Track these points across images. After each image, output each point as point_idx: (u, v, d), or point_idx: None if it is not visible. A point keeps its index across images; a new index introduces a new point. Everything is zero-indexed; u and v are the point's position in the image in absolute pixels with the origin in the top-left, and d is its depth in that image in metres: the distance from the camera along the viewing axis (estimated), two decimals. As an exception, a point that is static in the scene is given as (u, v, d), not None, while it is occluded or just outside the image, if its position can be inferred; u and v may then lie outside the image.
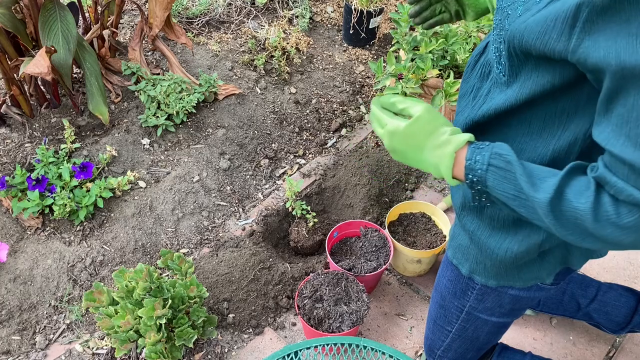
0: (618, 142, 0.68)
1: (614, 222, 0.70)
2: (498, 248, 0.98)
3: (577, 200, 0.72)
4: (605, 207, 0.70)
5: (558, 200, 0.73)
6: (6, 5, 2.01)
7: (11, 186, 2.01)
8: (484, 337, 1.23)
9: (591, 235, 0.73)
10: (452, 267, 1.14)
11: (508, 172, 0.78)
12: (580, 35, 0.66)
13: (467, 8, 1.16)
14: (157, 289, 1.60)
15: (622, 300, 1.61)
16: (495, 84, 0.88)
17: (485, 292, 1.09)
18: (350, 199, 2.24)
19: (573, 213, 0.73)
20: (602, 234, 0.71)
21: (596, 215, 0.71)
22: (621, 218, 0.69)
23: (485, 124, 0.90)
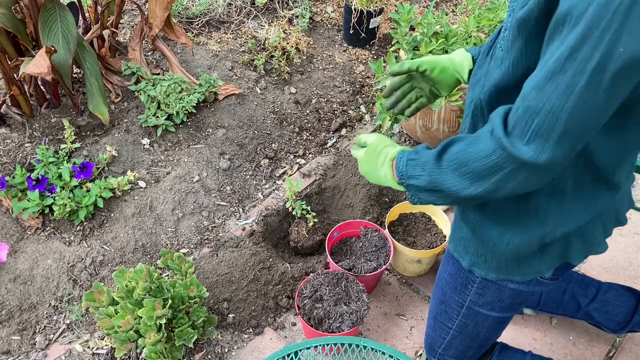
0: (529, 83, 0.77)
1: (484, 156, 0.82)
2: (500, 240, 1.00)
3: (460, 150, 0.87)
4: (481, 146, 0.83)
5: (442, 153, 0.90)
6: (6, 5, 2.01)
7: (11, 186, 2.01)
8: (484, 333, 1.23)
9: (470, 178, 0.85)
10: (453, 260, 1.15)
11: (417, 159, 0.95)
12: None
13: (439, 85, 1.21)
14: (157, 289, 1.60)
15: (622, 300, 1.62)
16: (494, 60, 0.92)
17: (485, 286, 1.10)
18: (350, 199, 2.24)
19: (454, 160, 0.87)
20: (477, 172, 0.84)
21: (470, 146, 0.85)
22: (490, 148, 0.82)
23: (487, 103, 0.94)
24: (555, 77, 0.72)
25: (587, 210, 0.96)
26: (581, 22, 0.68)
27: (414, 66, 1.16)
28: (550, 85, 0.73)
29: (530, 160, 0.77)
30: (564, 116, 0.73)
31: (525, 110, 0.76)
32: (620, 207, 1.07)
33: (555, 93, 0.73)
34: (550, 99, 0.73)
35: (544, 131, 0.75)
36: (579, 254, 1.03)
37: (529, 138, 0.76)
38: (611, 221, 1.06)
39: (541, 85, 0.74)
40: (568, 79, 0.71)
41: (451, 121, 2.23)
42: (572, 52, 0.70)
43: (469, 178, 0.85)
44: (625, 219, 1.09)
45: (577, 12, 0.68)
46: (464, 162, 0.86)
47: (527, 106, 0.76)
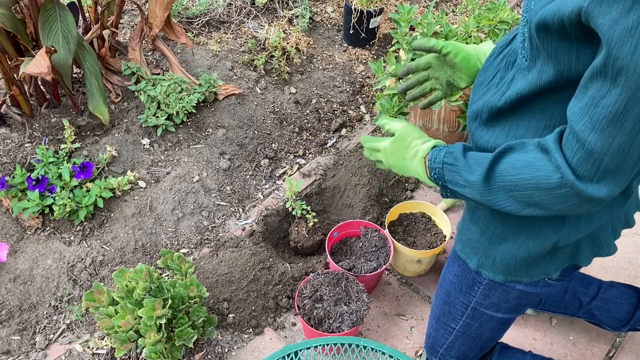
0: (582, 121, 0.74)
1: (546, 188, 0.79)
2: (513, 243, 0.99)
3: (512, 173, 0.83)
4: (541, 176, 0.80)
5: (490, 177, 0.85)
6: (6, 5, 2.01)
7: (11, 186, 2.01)
8: (487, 334, 1.23)
9: (525, 203, 0.83)
10: (459, 262, 1.14)
11: (455, 165, 0.92)
12: (586, 14, 0.69)
13: (460, 73, 1.14)
14: (157, 289, 1.60)
15: (623, 297, 1.62)
16: (519, 70, 0.89)
17: (492, 287, 1.10)
18: (350, 199, 2.24)
19: (506, 185, 0.83)
20: (535, 200, 0.81)
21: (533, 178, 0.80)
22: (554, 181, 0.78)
23: (506, 111, 0.91)
24: (618, 117, 0.70)
25: (603, 216, 0.96)
26: (635, 62, 0.66)
27: (439, 46, 1.10)
28: (614, 126, 0.71)
29: (603, 197, 0.76)
30: (635, 149, 0.72)
31: (588, 154, 0.74)
32: (629, 209, 1.06)
33: (622, 131, 0.71)
34: (617, 137, 0.71)
35: (614, 168, 0.74)
36: (588, 256, 1.03)
37: (600, 177, 0.75)
38: (620, 223, 1.06)
39: (603, 127, 0.72)
40: (635, 116, 0.69)
41: (451, 121, 2.23)
42: (635, 91, 0.68)
43: (526, 202, 0.83)
44: (634, 221, 1.09)
45: (626, 53, 0.66)
46: (520, 187, 0.82)
47: (591, 149, 0.73)
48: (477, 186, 0.87)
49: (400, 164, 1.04)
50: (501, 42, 1.00)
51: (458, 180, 0.91)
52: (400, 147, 1.03)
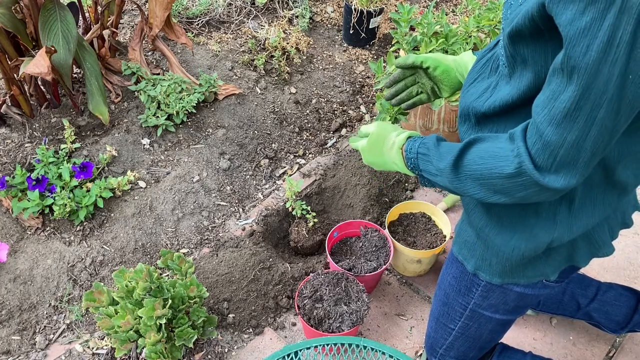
0: (542, 112, 0.76)
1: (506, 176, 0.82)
2: (505, 245, 0.99)
3: (478, 162, 0.86)
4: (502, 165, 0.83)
5: (458, 165, 0.89)
6: (6, 5, 2.01)
7: (11, 186, 2.01)
8: (486, 335, 1.23)
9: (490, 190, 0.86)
10: (457, 264, 1.14)
11: (427, 155, 0.96)
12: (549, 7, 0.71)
13: (441, 84, 1.21)
14: (157, 289, 1.60)
15: (622, 300, 1.62)
16: (502, 77, 0.91)
17: (490, 289, 1.10)
18: (350, 199, 2.24)
19: (473, 172, 0.87)
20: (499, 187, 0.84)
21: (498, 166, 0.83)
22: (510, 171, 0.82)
23: (492, 116, 0.93)
24: (572, 113, 0.73)
25: (595, 214, 0.96)
26: (586, 62, 0.69)
27: (418, 61, 1.17)
28: (568, 121, 0.74)
29: (560, 187, 0.79)
30: (588, 144, 0.75)
31: (545, 145, 0.77)
32: (626, 209, 1.06)
33: (575, 127, 0.74)
34: (572, 132, 0.74)
35: (570, 160, 0.77)
36: (585, 257, 1.03)
37: (557, 168, 0.78)
38: (617, 224, 1.05)
39: (558, 121, 0.74)
40: (586, 113, 0.72)
41: (451, 121, 2.23)
42: (586, 90, 0.70)
43: (492, 190, 0.86)
44: (631, 221, 1.09)
45: (579, 53, 0.69)
46: (484, 176, 0.86)
47: (547, 141, 0.76)
48: (446, 174, 0.91)
49: (379, 159, 1.08)
50: (487, 46, 1.01)
51: (431, 169, 0.95)
52: (376, 143, 1.07)
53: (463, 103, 0.99)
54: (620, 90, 0.70)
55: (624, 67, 0.68)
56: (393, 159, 1.04)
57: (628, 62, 0.67)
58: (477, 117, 0.95)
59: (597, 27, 0.66)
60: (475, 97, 0.95)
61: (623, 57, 0.67)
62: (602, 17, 0.66)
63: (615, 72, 0.68)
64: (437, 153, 0.93)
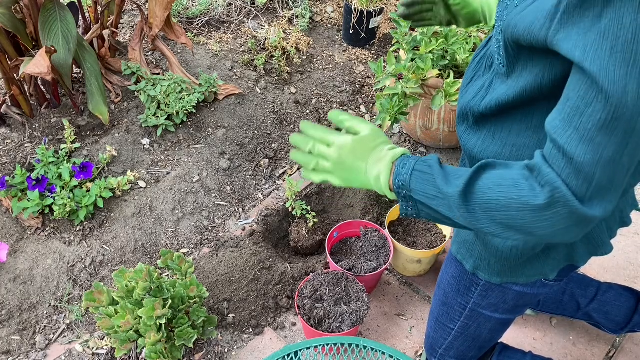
0: (566, 133, 0.68)
1: (533, 209, 0.71)
2: (503, 245, 0.99)
3: (494, 190, 0.74)
4: (527, 195, 0.71)
5: (469, 192, 0.76)
6: (6, 5, 2.01)
7: (11, 186, 2.01)
8: (486, 334, 1.23)
9: (504, 225, 0.75)
10: (456, 263, 1.14)
11: (428, 174, 0.81)
12: (557, 26, 0.68)
13: (460, 18, 1.19)
14: (157, 289, 1.60)
15: (621, 300, 1.62)
16: (497, 75, 0.89)
17: (489, 289, 1.10)
18: (350, 199, 2.24)
19: (487, 203, 0.75)
20: (518, 223, 0.73)
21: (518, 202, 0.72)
22: (540, 202, 0.70)
23: (490, 116, 0.91)
24: (608, 125, 0.65)
25: None
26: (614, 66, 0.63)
27: None
28: (602, 136, 0.66)
29: (599, 216, 0.70)
30: (625, 160, 0.67)
31: (578, 168, 0.68)
32: (624, 208, 1.06)
33: (611, 142, 0.66)
34: (607, 149, 0.66)
35: (607, 182, 0.68)
36: (583, 256, 1.03)
37: (593, 193, 0.69)
38: (616, 222, 1.05)
39: (591, 137, 0.66)
40: (625, 122, 0.65)
41: (451, 121, 2.23)
42: (622, 97, 0.64)
43: (506, 225, 0.75)
44: (630, 220, 1.09)
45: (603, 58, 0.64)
46: (500, 207, 0.74)
47: (580, 163, 0.67)
48: (453, 200, 0.78)
49: (357, 166, 0.89)
50: (482, 44, 1.00)
51: (429, 190, 0.81)
52: (364, 147, 0.89)
53: (461, 103, 0.98)
54: None
55: None
56: (378, 172, 0.87)
57: None
58: (475, 117, 0.94)
59: (617, 26, 0.62)
60: (472, 97, 0.94)
61: None
62: (620, 17, 0.62)
63: None
64: (442, 173, 0.80)
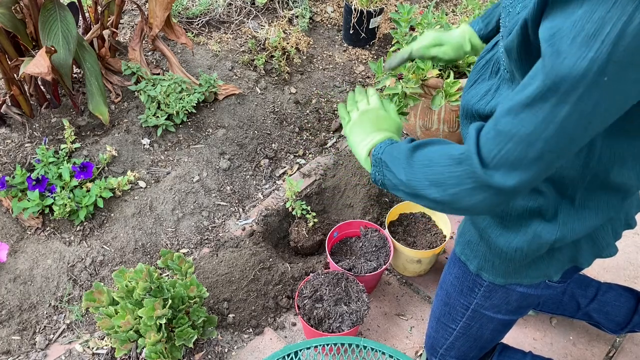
0: (505, 104, 0.74)
1: (448, 161, 0.81)
2: (507, 246, 0.99)
3: (432, 150, 0.86)
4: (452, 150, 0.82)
5: (416, 149, 0.89)
6: (6, 5, 2.01)
7: (11, 186, 2.01)
8: (488, 335, 1.23)
9: (430, 181, 0.83)
10: (460, 264, 1.14)
11: (397, 143, 0.97)
12: (548, 10, 0.68)
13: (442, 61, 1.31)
14: (157, 289, 1.60)
15: (621, 300, 1.62)
16: (504, 81, 0.89)
17: (492, 290, 1.10)
18: (350, 199, 2.24)
19: (424, 158, 0.86)
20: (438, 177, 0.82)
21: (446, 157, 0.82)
22: (457, 153, 0.81)
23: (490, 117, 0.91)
24: (534, 104, 0.69)
25: (599, 216, 0.95)
26: (565, 53, 0.65)
27: (405, 56, 1.28)
28: (527, 113, 0.70)
29: (495, 185, 0.75)
30: (539, 145, 0.70)
31: (497, 134, 0.73)
32: (629, 210, 1.06)
33: (532, 120, 0.69)
34: (526, 126, 0.70)
35: (514, 158, 0.72)
36: (588, 258, 1.02)
37: (498, 162, 0.74)
38: (621, 225, 1.05)
39: (517, 111, 0.71)
40: (548, 107, 0.67)
41: (451, 121, 2.23)
42: (557, 81, 0.66)
43: (429, 179, 0.84)
44: (635, 222, 1.08)
45: (564, 44, 0.65)
46: (432, 161, 0.84)
47: (499, 130, 0.73)
48: (402, 154, 0.90)
49: (365, 126, 1.08)
50: (486, 47, 1.00)
51: (394, 153, 0.94)
52: (386, 121, 1.09)
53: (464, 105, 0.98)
54: (592, 89, 0.65)
55: (603, 65, 0.63)
56: (371, 138, 1.04)
57: (608, 61, 0.63)
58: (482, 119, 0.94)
59: (587, 19, 0.63)
60: (477, 100, 0.94)
61: (604, 55, 0.62)
62: (593, 10, 0.62)
63: (593, 69, 0.63)
64: (407, 141, 0.93)
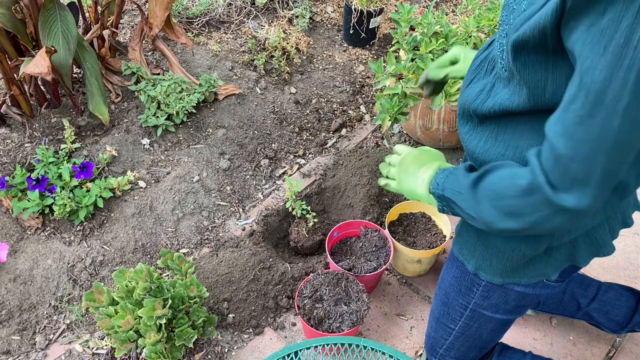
0: (555, 126, 0.73)
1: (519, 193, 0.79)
2: (505, 245, 0.99)
3: (496, 182, 0.84)
4: (518, 181, 0.80)
5: (479, 182, 0.86)
6: (6, 5, 2.01)
7: (11, 186, 2.01)
8: (487, 334, 1.23)
9: (502, 212, 0.82)
10: (458, 263, 1.14)
11: (456, 175, 0.94)
12: (567, 16, 0.68)
13: None
14: (157, 289, 1.60)
15: (622, 300, 1.62)
16: (499, 79, 0.89)
17: (490, 289, 1.10)
18: (350, 199, 2.24)
19: (489, 192, 0.84)
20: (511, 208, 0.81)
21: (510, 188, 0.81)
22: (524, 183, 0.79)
23: (492, 118, 0.92)
24: (584, 121, 0.69)
25: (596, 215, 0.95)
26: (602, 65, 0.65)
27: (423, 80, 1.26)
28: (581, 131, 0.69)
29: (572, 207, 0.74)
30: (602, 159, 0.70)
31: (557, 158, 0.73)
32: (627, 209, 1.06)
33: (588, 138, 0.69)
34: (584, 145, 0.70)
35: (582, 177, 0.72)
36: (586, 257, 1.03)
37: (568, 185, 0.73)
38: (618, 223, 1.05)
39: (571, 132, 0.70)
40: (599, 122, 0.67)
41: (451, 121, 2.23)
42: (600, 95, 0.66)
43: (504, 211, 0.82)
44: (632, 221, 1.08)
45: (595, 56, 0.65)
46: (499, 195, 0.82)
47: (559, 154, 0.72)
48: (466, 189, 0.88)
49: (412, 170, 1.05)
50: (482, 47, 1.00)
51: (455, 187, 0.92)
52: (425, 157, 1.06)
53: (462, 104, 0.98)
54: (636, 97, 0.65)
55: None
56: (425, 175, 1.01)
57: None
58: (479, 118, 0.94)
59: (614, 28, 0.63)
60: (473, 99, 0.94)
61: (638, 60, 0.63)
62: (619, 18, 0.62)
63: (630, 77, 0.64)
64: (464, 172, 0.91)
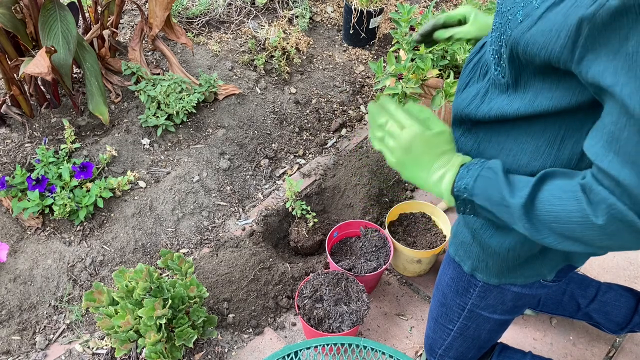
0: (607, 158, 0.69)
1: (591, 225, 0.72)
2: (500, 246, 0.99)
3: (554, 203, 0.75)
4: (587, 211, 0.72)
5: (531, 204, 0.78)
6: (6, 5, 2.01)
7: (11, 186, 2.01)
8: (485, 335, 1.23)
9: (564, 236, 0.76)
10: (454, 264, 1.14)
11: (493, 180, 0.82)
12: (582, 51, 0.67)
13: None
14: (157, 289, 1.60)
15: (621, 300, 1.62)
16: (494, 84, 0.88)
17: (487, 290, 1.10)
18: (350, 199, 2.24)
19: (547, 215, 0.76)
20: (578, 235, 0.74)
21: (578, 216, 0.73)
22: (600, 222, 0.71)
23: (487, 122, 0.91)
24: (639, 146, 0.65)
25: None
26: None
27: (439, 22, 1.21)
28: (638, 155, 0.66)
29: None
30: None
31: (625, 189, 0.68)
32: None
33: None
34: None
35: None
36: (581, 256, 1.02)
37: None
38: None
39: (633, 159, 0.67)
40: None
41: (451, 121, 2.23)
42: None
43: (565, 236, 0.76)
44: None
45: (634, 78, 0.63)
46: (560, 220, 0.75)
47: (627, 184, 0.67)
48: (515, 210, 0.79)
49: (423, 160, 0.88)
50: (473, 50, 0.99)
51: (493, 197, 0.82)
52: (438, 146, 0.87)
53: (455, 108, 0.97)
54: None
55: None
56: (443, 172, 0.87)
57: None
58: (472, 122, 0.94)
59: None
60: (467, 104, 0.93)
61: None
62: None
63: None
64: (507, 182, 0.81)
